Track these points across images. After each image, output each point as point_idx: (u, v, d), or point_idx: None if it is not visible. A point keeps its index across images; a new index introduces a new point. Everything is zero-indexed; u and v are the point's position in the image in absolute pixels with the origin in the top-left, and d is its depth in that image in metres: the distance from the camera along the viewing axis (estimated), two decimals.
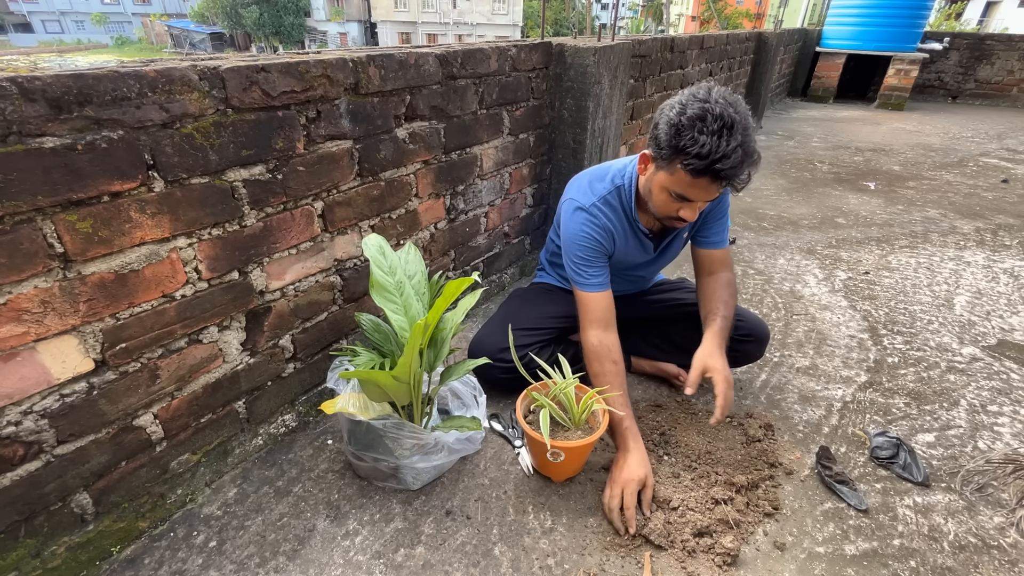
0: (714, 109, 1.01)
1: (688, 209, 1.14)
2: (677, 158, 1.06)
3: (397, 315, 1.12)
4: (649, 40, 2.70)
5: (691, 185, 1.08)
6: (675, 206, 1.15)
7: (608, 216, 1.31)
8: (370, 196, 1.34)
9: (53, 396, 0.88)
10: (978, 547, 1.11)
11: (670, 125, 1.05)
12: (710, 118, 1.01)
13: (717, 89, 1.06)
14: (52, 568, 0.93)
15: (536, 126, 1.94)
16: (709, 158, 1.01)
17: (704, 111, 1.01)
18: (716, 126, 1.00)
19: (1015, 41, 7.19)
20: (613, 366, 1.25)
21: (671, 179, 1.11)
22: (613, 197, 1.31)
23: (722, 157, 1.00)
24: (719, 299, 1.34)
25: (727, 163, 1.01)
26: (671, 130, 1.05)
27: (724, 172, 1.02)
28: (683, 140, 1.03)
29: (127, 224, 0.89)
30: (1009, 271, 2.42)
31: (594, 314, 1.30)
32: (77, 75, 0.77)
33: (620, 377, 1.25)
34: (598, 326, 1.29)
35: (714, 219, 1.39)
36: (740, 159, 1.01)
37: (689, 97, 1.05)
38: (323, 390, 1.41)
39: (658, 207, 1.19)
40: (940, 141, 5.16)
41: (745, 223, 2.95)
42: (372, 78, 1.23)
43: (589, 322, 1.30)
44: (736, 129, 1.01)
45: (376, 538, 1.09)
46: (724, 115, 1.01)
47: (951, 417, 1.49)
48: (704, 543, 1.06)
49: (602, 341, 1.27)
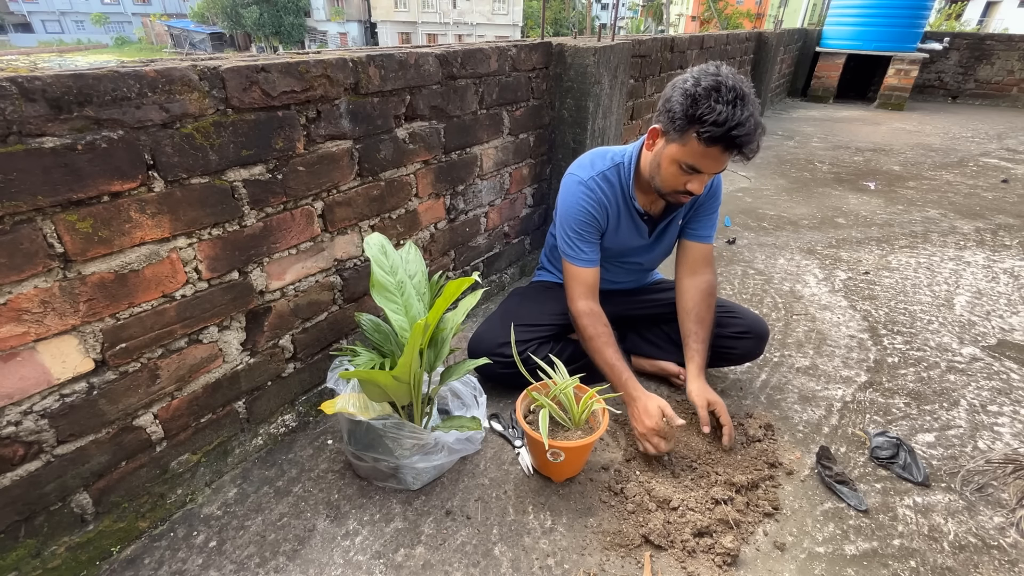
0: (727, 81, 1.07)
1: (696, 181, 1.18)
2: (692, 127, 1.10)
3: (398, 315, 1.12)
4: (649, 40, 2.70)
5: (704, 155, 1.12)
6: (684, 179, 1.19)
7: (604, 191, 1.36)
8: (370, 196, 1.34)
9: (53, 396, 0.88)
10: (978, 547, 1.11)
11: (685, 95, 1.10)
12: (724, 89, 1.06)
13: (725, 66, 1.12)
14: (52, 568, 0.93)
15: (536, 126, 1.94)
16: (726, 125, 1.05)
17: (718, 83, 1.07)
18: (731, 96, 1.06)
19: (1015, 41, 7.19)
20: (605, 328, 1.35)
21: (683, 150, 1.14)
22: (612, 173, 1.37)
23: (737, 124, 1.05)
24: (696, 318, 1.38)
25: (742, 130, 1.06)
26: (687, 100, 1.09)
27: (740, 139, 1.07)
28: (700, 109, 1.07)
29: (127, 224, 0.89)
30: (1009, 271, 2.42)
31: (583, 285, 1.37)
32: (77, 75, 0.77)
33: (613, 338, 1.35)
34: (588, 296, 1.37)
35: (705, 212, 1.43)
36: (753, 127, 1.07)
37: (700, 72, 1.11)
38: (323, 390, 1.41)
39: (666, 181, 1.23)
40: (940, 141, 5.16)
41: (745, 223, 2.95)
42: (372, 78, 1.23)
43: (578, 293, 1.38)
44: (748, 100, 1.07)
45: (376, 538, 1.09)
46: (736, 87, 1.07)
47: (951, 417, 1.49)
48: (704, 543, 1.06)
49: (592, 308, 1.36)
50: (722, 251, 2.56)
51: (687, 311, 1.40)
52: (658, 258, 1.56)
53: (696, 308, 1.39)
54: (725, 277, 2.28)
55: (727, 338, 1.45)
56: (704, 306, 1.39)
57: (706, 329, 1.38)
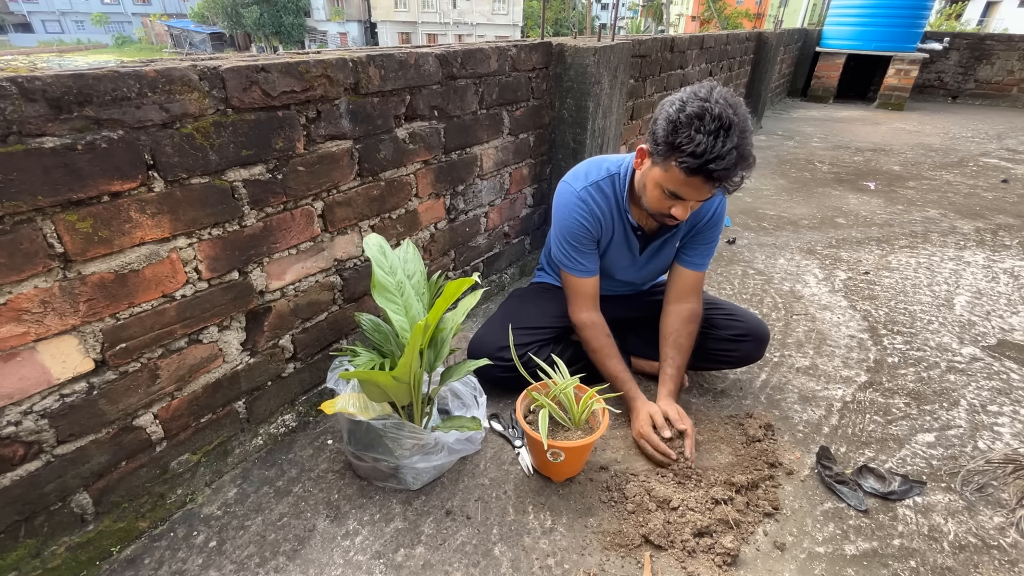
0: (713, 109, 1.01)
1: (680, 207, 1.16)
2: (673, 155, 1.07)
3: (398, 315, 1.12)
4: (649, 40, 2.70)
5: (684, 183, 1.09)
6: (667, 203, 1.16)
7: (598, 202, 1.34)
8: (370, 196, 1.34)
9: (53, 396, 0.88)
10: (978, 547, 1.10)
11: (668, 121, 1.06)
12: (708, 117, 1.01)
13: (719, 89, 1.06)
14: (52, 568, 0.93)
15: (536, 126, 1.94)
16: (703, 158, 1.01)
17: (703, 110, 1.02)
18: (713, 126, 1.01)
19: (1015, 41, 7.19)
20: (607, 339, 1.39)
21: (665, 175, 1.12)
22: (606, 184, 1.34)
23: (716, 158, 1.01)
24: (674, 343, 1.38)
25: (720, 164, 1.01)
26: (669, 126, 1.06)
27: (717, 173, 1.03)
28: (680, 137, 1.04)
29: (127, 224, 0.89)
30: (1009, 271, 2.42)
31: (583, 296, 1.40)
32: (77, 75, 0.77)
33: (615, 348, 1.40)
34: (589, 307, 1.40)
35: (704, 240, 1.40)
36: (734, 161, 1.02)
37: (690, 95, 1.06)
38: (323, 390, 1.41)
39: (651, 203, 1.21)
40: (940, 141, 5.16)
41: (745, 223, 2.95)
42: (372, 78, 1.23)
43: (579, 305, 1.40)
44: (733, 131, 1.01)
45: (376, 538, 1.09)
46: (723, 116, 1.01)
47: (951, 417, 1.49)
48: (704, 543, 1.06)
49: (594, 320, 1.40)
50: (722, 251, 2.56)
51: (666, 336, 1.40)
52: (649, 277, 1.55)
53: (675, 334, 1.38)
54: (725, 277, 2.28)
55: (727, 341, 1.44)
56: (684, 333, 1.38)
57: (683, 356, 1.38)
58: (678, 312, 1.40)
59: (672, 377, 1.35)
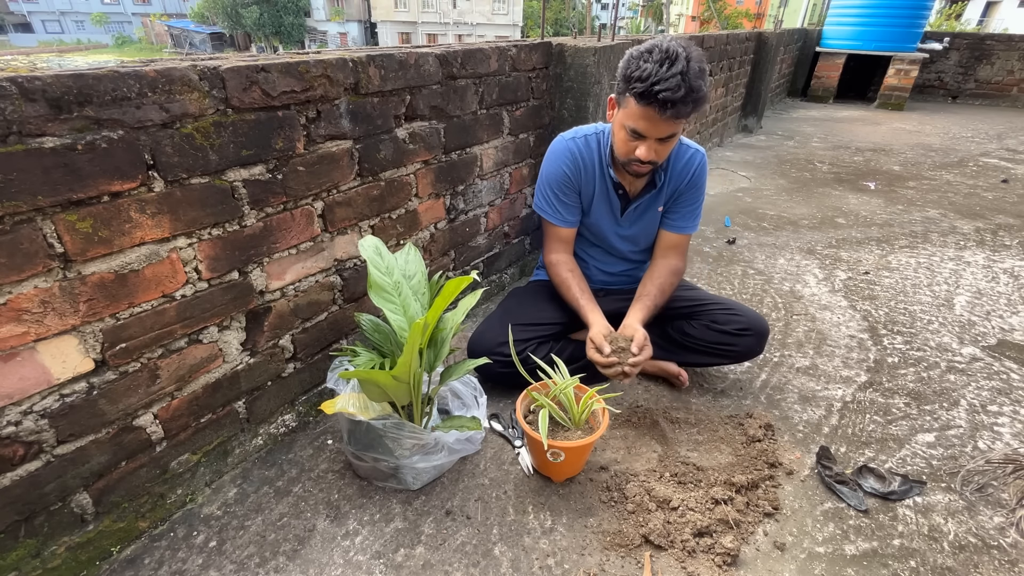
0: (662, 45, 1.14)
1: (644, 147, 1.23)
2: (627, 88, 1.17)
3: (396, 315, 1.12)
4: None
5: (641, 116, 1.18)
6: (632, 145, 1.24)
7: (583, 153, 1.44)
8: (370, 196, 1.34)
9: (53, 396, 0.88)
10: (978, 547, 1.10)
11: (626, 60, 1.18)
12: (657, 51, 1.13)
13: (681, 39, 1.17)
14: (52, 568, 0.93)
15: (536, 126, 1.94)
16: (649, 80, 1.11)
17: (653, 46, 1.15)
18: (659, 56, 1.12)
19: (1015, 41, 7.19)
20: (570, 272, 1.47)
21: (625, 112, 1.22)
22: (593, 139, 1.45)
23: (661, 80, 1.10)
24: (658, 286, 1.44)
25: (663, 85, 1.10)
26: (625, 63, 1.18)
27: (661, 93, 1.10)
28: (631, 68, 1.15)
29: (127, 224, 0.89)
30: (1009, 271, 2.42)
31: (559, 241, 1.50)
32: (77, 75, 0.77)
33: (581, 279, 1.46)
34: (562, 250, 1.51)
35: (686, 203, 1.47)
36: (680, 86, 1.10)
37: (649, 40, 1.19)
38: (323, 390, 1.41)
39: (619, 148, 1.30)
40: (940, 141, 5.16)
41: (745, 223, 2.95)
42: (372, 78, 1.23)
43: (552, 248, 1.51)
44: (679, 60, 1.11)
45: (376, 538, 1.09)
46: (670, 49, 1.12)
47: (951, 417, 1.49)
48: (704, 543, 1.06)
49: (562, 259, 1.50)
50: (722, 251, 2.56)
51: (652, 278, 1.46)
52: (636, 246, 1.58)
53: (661, 278, 1.46)
54: (725, 277, 2.28)
55: (727, 335, 1.45)
56: (668, 281, 1.46)
57: (662, 297, 1.44)
58: (664, 263, 1.50)
59: (646, 308, 1.40)
